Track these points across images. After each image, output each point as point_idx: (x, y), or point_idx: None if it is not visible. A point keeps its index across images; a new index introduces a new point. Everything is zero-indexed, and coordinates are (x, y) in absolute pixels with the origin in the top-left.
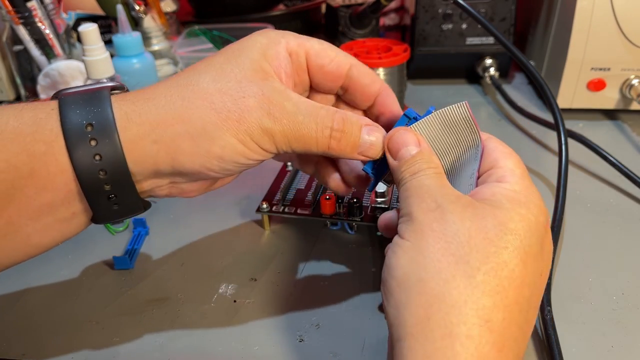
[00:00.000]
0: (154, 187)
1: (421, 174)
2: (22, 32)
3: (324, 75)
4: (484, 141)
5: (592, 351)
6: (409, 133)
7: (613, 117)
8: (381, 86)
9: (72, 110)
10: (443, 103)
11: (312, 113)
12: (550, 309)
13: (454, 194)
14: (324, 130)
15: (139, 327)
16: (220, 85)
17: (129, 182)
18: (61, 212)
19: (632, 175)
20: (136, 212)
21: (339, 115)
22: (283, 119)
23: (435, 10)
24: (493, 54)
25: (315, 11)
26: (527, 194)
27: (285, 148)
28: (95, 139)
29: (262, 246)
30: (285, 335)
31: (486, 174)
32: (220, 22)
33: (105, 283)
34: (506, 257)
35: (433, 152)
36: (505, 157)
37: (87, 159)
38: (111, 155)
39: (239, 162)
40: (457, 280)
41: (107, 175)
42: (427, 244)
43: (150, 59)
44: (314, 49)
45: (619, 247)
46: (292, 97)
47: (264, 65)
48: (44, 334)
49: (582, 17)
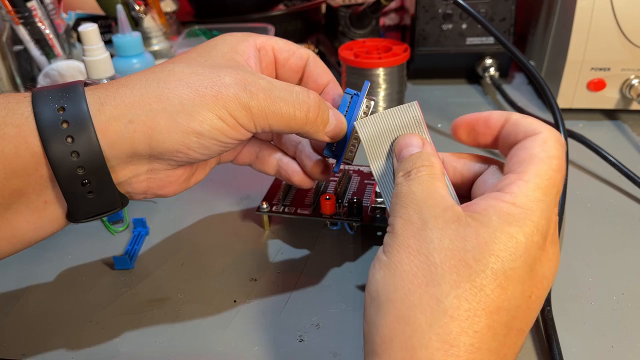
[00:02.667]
0: (131, 176)
1: (413, 175)
2: (22, 32)
3: (289, 67)
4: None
5: (592, 351)
6: (414, 136)
7: (613, 117)
8: (331, 77)
9: (44, 97)
10: (443, 103)
11: (286, 89)
12: (550, 309)
13: (441, 206)
14: (301, 104)
15: (139, 327)
16: (195, 69)
17: (104, 167)
18: (33, 200)
19: (632, 175)
20: (114, 205)
21: (312, 92)
22: (259, 93)
23: (435, 10)
24: (493, 54)
25: (315, 11)
26: (528, 210)
27: (263, 125)
28: (67, 122)
29: (262, 246)
30: (285, 335)
31: (502, 178)
32: (220, 22)
33: (105, 283)
34: (482, 281)
35: (434, 154)
36: (528, 162)
37: (59, 143)
38: (84, 139)
39: (218, 139)
40: (425, 304)
41: (79, 158)
42: (400, 262)
43: (150, 59)
44: (279, 44)
45: (619, 247)
46: (265, 77)
47: (235, 57)
48: (43, 334)
49: (582, 17)
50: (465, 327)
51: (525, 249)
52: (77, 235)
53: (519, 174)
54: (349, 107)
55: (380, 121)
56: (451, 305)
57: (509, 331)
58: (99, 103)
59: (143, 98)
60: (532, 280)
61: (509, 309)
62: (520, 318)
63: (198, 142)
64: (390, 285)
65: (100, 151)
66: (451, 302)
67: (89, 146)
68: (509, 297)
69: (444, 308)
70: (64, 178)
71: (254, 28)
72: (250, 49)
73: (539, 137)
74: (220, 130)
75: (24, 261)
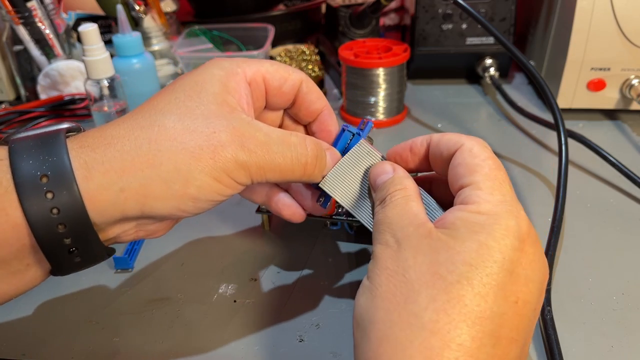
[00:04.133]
0: (120, 233)
1: (388, 201)
2: (22, 32)
3: (280, 95)
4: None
5: (592, 351)
6: (384, 163)
7: (613, 117)
8: (325, 104)
9: (24, 160)
10: (443, 103)
11: (284, 141)
12: (550, 309)
13: (414, 224)
14: (299, 158)
15: (139, 327)
16: (188, 124)
17: (92, 234)
18: (14, 265)
19: (632, 175)
20: (99, 260)
21: (310, 142)
22: (258, 150)
23: (435, 10)
24: (493, 54)
25: (315, 11)
26: (493, 214)
27: (260, 179)
28: (52, 192)
29: (262, 246)
30: (285, 335)
31: (456, 196)
32: (220, 22)
33: (105, 283)
34: (458, 291)
35: (407, 176)
36: (470, 172)
37: (43, 214)
38: (70, 209)
39: (214, 199)
40: (404, 321)
41: (66, 229)
42: (380, 284)
43: (150, 59)
44: (270, 73)
45: (619, 247)
46: (261, 127)
47: (228, 99)
48: (44, 334)
49: (582, 17)
50: (447, 341)
51: (499, 253)
52: None
53: (471, 185)
54: (348, 145)
55: (341, 172)
56: (430, 319)
57: (497, 341)
58: (85, 168)
59: (134, 163)
60: (515, 285)
61: (493, 317)
62: (509, 326)
63: (194, 205)
64: (372, 308)
65: (88, 221)
66: (430, 317)
67: (76, 217)
68: (490, 305)
69: (422, 323)
70: (50, 249)
71: (254, 28)
72: (241, 86)
73: (463, 148)
74: (216, 192)
75: None
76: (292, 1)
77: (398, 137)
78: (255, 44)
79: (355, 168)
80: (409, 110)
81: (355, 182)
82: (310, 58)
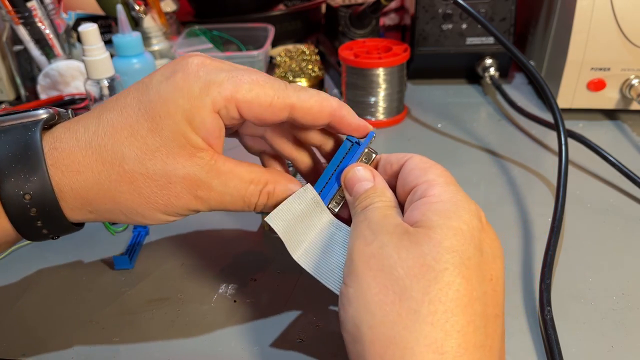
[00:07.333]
0: None
1: (370, 207)
2: (22, 32)
3: (262, 122)
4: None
5: (592, 351)
6: (364, 169)
7: (613, 117)
8: (333, 107)
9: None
10: (443, 103)
11: (239, 190)
12: (550, 309)
13: (392, 223)
14: (250, 206)
15: (139, 327)
16: (146, 169)
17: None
18: None
19: (632, 175)
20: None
21: (265, 190)
22: (210, 200)
23: (435, 10)
24: (493, 54)
25: (315, 11)
26: (456, 201)
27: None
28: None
29: (262, 246)
30: (285, 335)
31: (411, 194)
32: (220, 22)
33: (105, 283)
34: (448, 278)
35: (387, 187)
36: (424, 173)
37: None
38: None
39: (171, 221)
40: (404, 319)
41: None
42: (367, 287)
43: (150, 59)
44: (246, 100)
45: (619, 247)
46: (221, 173)
47: (191, 138)
48: (44, 333)
49: (582, 17)
50: (448, 330)
51: (470, 236)
52: (77, 235)
53: (426, 182)
54: (347, 154)
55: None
56: (428, 311)
57: (487, 320)
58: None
59: (98, 196)
60: (487, 264)
61: (479, 298)
62: (492, 303)
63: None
64: (366, 314)
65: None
66: (427, 309)
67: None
68: (474, 287)
69: (422, 317)
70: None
71: (254, 28)
72: (207, 121)
73: (413, 158)
74: (172, 219)
75: (24, 261)
76: (292, 1)
77: (398, 137)
78: (255, 44)
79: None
80: (409, 110)
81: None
82: (310, 58)
